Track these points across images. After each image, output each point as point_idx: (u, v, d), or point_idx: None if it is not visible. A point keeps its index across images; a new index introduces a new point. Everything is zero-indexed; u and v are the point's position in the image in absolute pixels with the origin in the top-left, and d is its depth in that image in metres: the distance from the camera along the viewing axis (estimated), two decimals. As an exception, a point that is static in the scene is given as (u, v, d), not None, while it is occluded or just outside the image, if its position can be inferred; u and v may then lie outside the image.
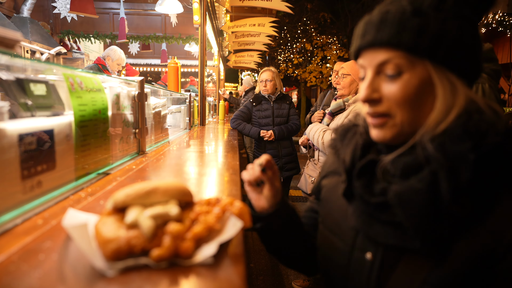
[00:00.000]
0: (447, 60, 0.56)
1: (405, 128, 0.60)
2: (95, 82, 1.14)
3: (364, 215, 0.63)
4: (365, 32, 0.61)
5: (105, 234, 0.50)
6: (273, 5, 5.15)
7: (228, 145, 2.15)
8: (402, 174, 0.57)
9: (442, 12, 0.55)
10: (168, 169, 1.31)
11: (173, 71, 2.98)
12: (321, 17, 15.33)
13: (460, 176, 0.52)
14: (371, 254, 0.63)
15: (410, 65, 0.57)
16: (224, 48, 9.03)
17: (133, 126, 1.52)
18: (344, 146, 0.72)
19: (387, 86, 0.59)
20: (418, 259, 0.57)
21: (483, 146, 0.52)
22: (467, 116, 0.55)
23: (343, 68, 2.20)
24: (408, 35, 0.55)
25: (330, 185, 0.80)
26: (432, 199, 0.53)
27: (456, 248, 0.54)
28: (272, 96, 3.25)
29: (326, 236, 0.76)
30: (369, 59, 0.61)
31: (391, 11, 0.58)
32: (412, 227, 0.54)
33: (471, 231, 0.54)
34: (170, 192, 0.59)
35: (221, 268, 0.51)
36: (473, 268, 0.53)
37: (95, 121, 1.11)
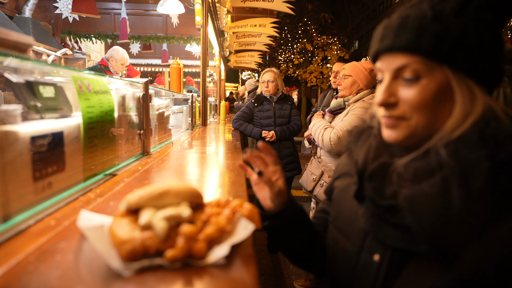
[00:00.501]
0: (466, 67, 0.56)
1: (419, 131, 0.60)
2: (101, 84, 1.16)
3: (374, 217, 0.63)
4: (383, 36, 0.61)
5: (120, 235, 0.52)
6: (274, 6, 5.16)
7: (231, 146, 2.17)
8: (413, 178, 0.57)
9: (463, 17, 0.55)
10: (173, 170, 1.32)
11: (176, 72, 2.99)
12: (321, 18, 15.34)
13: (473, 184, 0.51)
14: (379, 256, 0.64)
15: (428, 71, 0.57)
16: (225, 48, 9.05)
17: (138, 127, 1.53)
18: (357, 147, 0.72)
19: (404, 90, 0.60)
20: (425, 263, 0.57)
21: (498, 154, 0.51)
22: (484, 124, 0.55)
23: (345, 69, 2.21)
24: (427, 41, 0.55)
25: (342, 186, 0.81)
26: (443, 205, 0.52)
27: (465, 256, 0.53)
28: (274, 96, 3.26)
29: (335, 236, 0.77)
30: (387, 63, 0.62)
31: (411, 15, 0.58)
32: (421, 231, 0.54)
33: (481, 239, 0.53)
34: (182, 194, 0.61)
35: (233, 269, 0.53)
36: (482, 277, 0.52)
37: (102, 123, 1.12)
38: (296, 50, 15.62)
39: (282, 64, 15.93)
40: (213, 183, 1.12)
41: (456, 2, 0.55)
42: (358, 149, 0.72)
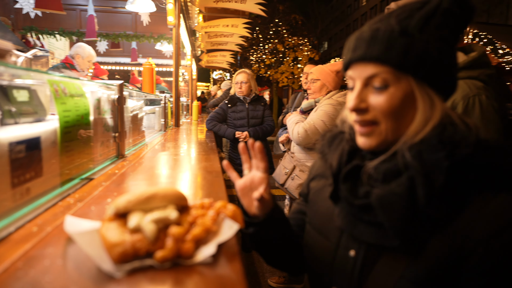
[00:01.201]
0: (428, 77, 0.62)
1: (388, 136, 0.65)
2: (77, 88, 1.14)
3: (349, 216, 0.68)
4: (356, 47, 0.66)
5: (111, 239, 0.54)
6: (246, 7, 5.21)
7: (207, 147, 2.18)
8: (383, 179, 0.63)
9: (425, 33, 0.61)
10: (150, 173, 1.33)
11: (148, 72, 2.95)
12: (292, 19, 15.59)
13: (435, 182, 0.57)
14: (354, 251, 0.69)
15: (395, 80, 0.62)
16: (196, 47, 8.97)
17: (112, 130, 1.52)
18: (331, 151, 0.77)
19: (374, 97, 0.64)
20: (396, 256, 0.63)
21: (455, 155, 0.58)
22: (442, 128, 0.61)
23: (312, 74, 2.30)
24: (395, 53, 0.61)
25: (317, 188, 0.85)
26: (410, 202, 0.58)
27: (430, 247, 0.60)
28: (247, 97, 3.30)
29: (313, 235, 0.81)
30: (358, 72, 0.66)
31: (381, 29, 0.63)
32: (392, 227, 0.60)
33: (443, 231, 0.59)
34: (168, 197, 0.63)
35: (220, 266, 0.56)
36: (445, 265, 0.58)
37: (78, 127, 1.11)
38: (267, 51, 15.77)
39: (253, 64, 16.03)
40: (192, 185, 1.15)
41: (419, 19, 0.61)
42: (332, 153, 0.76)
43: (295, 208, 0.96)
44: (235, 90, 3.32)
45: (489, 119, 1.10)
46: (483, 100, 1.11)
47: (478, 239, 0.57)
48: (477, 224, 0.57)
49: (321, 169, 0.86)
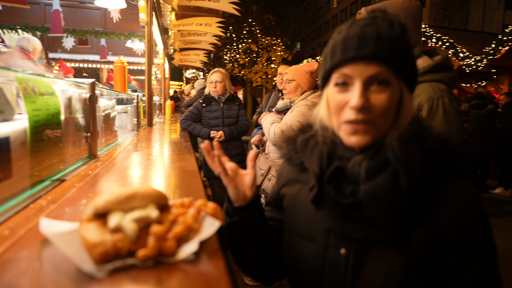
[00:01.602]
0: (410, 82, 0.69)
1: (379, 135, 0.67)
2: (47, 86, 1.10)
3: (336, 216, 0.69)
4: (360, 44, 0.64)
5: (91, 239, 0.53)
6: (220, 6, 5.19)
7: (182, 147, 2.16)
8: (367, 175, 0.65)
9: (408, 41, 0.67)
10: (125, 174, 1.31)
11: (120, 71, 2.87)
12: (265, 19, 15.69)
13: (414, 172, 0.63)
14: (345, 250, 0.70)
15: (392, 80, 0.66)
16: (169, 46, 8.81)
17: (84, 129, 1.47)
18: (306, 155, 0.77)
19: (375, 96, 0.65)
20: (384, 248, 0.66)
21: (426, 147, 0.65)
22: (413, 124, 0.68)
23: (287, 74, 2.34)
24: (399, 56, 0.65)
25: (292, 193, 0.84)
26: (395, 194, 0.62)
27: (415, 234, 0.65)
28: (222, 97, 3.30)
29: (296, 241, 0.79)
30: (360, 70, 0.65)
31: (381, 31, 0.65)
32: (382, 219, 0.63)
33: (424, 217, 0.65)
34: (148, 196, 0.63)
35: (203, 263, 0.57)
36: (429, 247, 0.65)
37: (48, 126, 1.07)
38: (241, 50, 15.77)
39: (227, 64, 15.97)
40: (170, 185, 1.14)
41: (399, 29, 0.67)
42: (308, 157, 0.76)
43: (267, 216, 0.92)
44: (210, 89, 3.30)
45: (451, 119, 1.17)
46: (446, 102, 1.17)
47: (450, 220, 0.65)
48: (448, 207, 0.65)
49: (292, 174, 0.85)
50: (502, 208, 4.94)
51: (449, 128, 1.16)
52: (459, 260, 0.65)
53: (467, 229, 0.65)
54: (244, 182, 0.78)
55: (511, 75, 7.55)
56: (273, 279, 0.89)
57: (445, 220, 0.65)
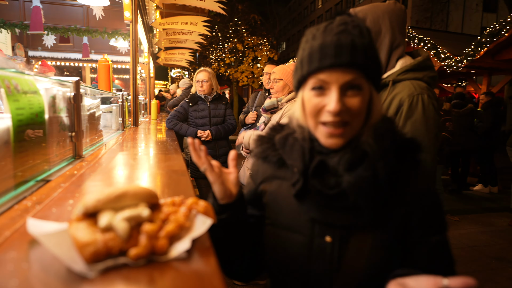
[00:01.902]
0: (377, 84, 0.76)
1: (354, 133, 0.74)
2: (30, 84, 1.07)
3: (321, 207, 0.75)
4: (337, 53, 0.69)
5: (81, 239, 0.52)
6: (206, 5, 5.16)
7: (170, 146, 2.15)
8: (348, 168, 0.72)
9: (375, 45, 0.74)
10: (112, 174, 1.29)
11: (104, 69, 2.82)
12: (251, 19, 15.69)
13: (389, 162, 0.71)
14: (330, 237, 0.75)
15: (364, 85, 0.72)
16: (154, 44, 8.70)
17: (69, 129, 1.44)
18: (287, 152, 0.81)
19: (350, 100, 0.71)
20: (365, 232, 0.74)
21: (396, 140, 0.75)
22: (383, 121, 0.76)
23: (275, 73, 2.35)
24: (371, 63, 0.72)
25: (272, 190, 0.86)
26: (375, 182, 0.70)
27: (390, 218, 0.74)
28: (209, 96, 3.29)
29: (281, 234, 0.82)
30: (336, 76, 0.70)
31: (355, 40, 0.70)
32: (365, 206, 0.71)
33: (397, 203, 0.75)
34: (139, 195, 0.63)
35: (195, 261, 0.57)
36: (401, 229, 0.74)
37: (32, 125, 1.05)
38: (227, 50, 15.73)
39: (213, 63, 15.89)
40: (158, 184, 1.13)
41: (367, 35, 0.73)
42: (289, 154, 0.80)
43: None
44: (196, 88, 3.28)
45: (429, 115, 1.22)
46: (425, 99, 1.23)
47: (416, 201, 0.76)
48: (413, 191, 0.76)
49: (269, 171, 0.88)
50: (481, 204, 5.11)
51: (427, 123, 1.22)
52: (422, 235, 0.75)
53: (426, 210, 0.76)
54: (229, 179, 0.80)
55: (489, 75, 7.81)
56: (252, 275, 0.91)
57: (411, 204, 0.75)
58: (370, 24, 1.27)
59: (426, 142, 1.19)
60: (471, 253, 3.34)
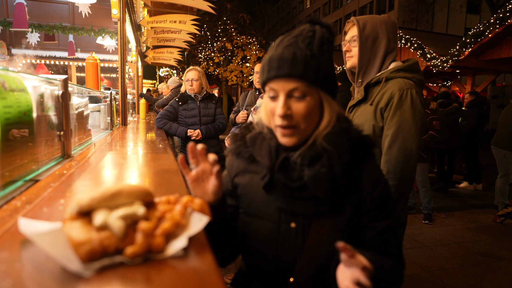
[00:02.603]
0: (328, 88, 0.84)
1: (305, 134, 0.85)
2: (18, 82, 1.05)
3: (286, 198, 0.85)
4: (279, 66, 0.81)
5: (76, 238, 0.51)
6: (195, 4, 5.12)
7: (160, 145, 2.13)
8: (309, 163, 0.83)
9: (323, 56, 0.82)
10: (103, 173, 1.27)
11: (92, 68, 2.77)
12: (240, 18, 15.66)
13: (343, 159, 0.82)
14: (294, 223, 0.87)
15: (310, 91, 0.82)
16: (142, 43, 8.59)
17: (57, 128, 1.41)
18: (256, 149, 0.91)
19: (296, 105, 0.82)
20: (324, 219, 0.85)
21: (351, 139, 0.85)
22: (339, 121, 0.86)
23: None
24: (311, 72, 0.80)
25: (244, 182, 0.96)
26: (331, 176, 0.80)
27: (345, 205, 0.86)
28: (199, 95, 3.27)
29: (253, 222, 0.92)
30: (281, 85, 0.82)
31: (297, 53, 0.80)
32: (323, 196, 0.81)
33: (351, 192, 0.86)
34: (134, 193, 0.62)
35: (192, 259, 0.57)
36: (355, 213, 0.86)
37: (20, 124, 1.02)
38: (216, 49, 15.65)
39: (202, 62, 15.79)
40: (151, 184, 1.12)
41: (317, 46, 0.82)
42: (258, 151, 0.90)
43: None
44: (186, 87, 3.26)
45: (416, 108, 1.36)
46: (414, 93, 1.37)
47: (367, 191, 0.87)
48: (365, 182, 0.87)
49: (242, 166, 0.98)
50: (466, 201, 5.23)
51: (414, 114, 1.36)
52: (371, 220, 0.87)
53: (377, 198, 0.87)
54: (207, 189, 0.83)
55: (473, 75, 8.01)
56: (230, 260, 0.99)
57: (363, 193, 0.87)
58: (370, 29, 1.42)
59: (413, 130, 1.33)
60: (457, 249, 3.42)
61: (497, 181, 4.58)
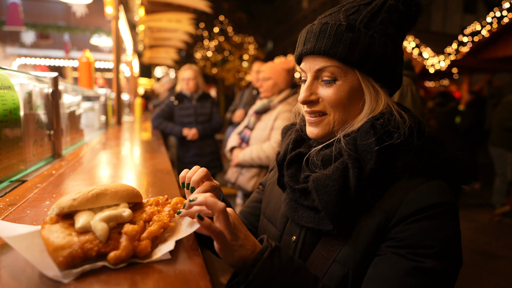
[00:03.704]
0: (372, 72, 0.64)
1: (336, 127, 0.68)
2: (3, 79, 1.01)
3: (291, 202, 0.70)
4: (306, 40, 0.67)
5: (55, 242, 0.48)
6: (192, 3, 5.09)
7: (154, 145, 2.09)
8: (322, 164, 0.67)
9: (371, 29, 0.63)
10: (93, 173, 1.23)
11: (86, 67, 2.73)
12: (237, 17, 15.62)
13: (366, 165, 0.61)
14: (296, 236, 0.71)
15: (342, 73, 0.65)
16: (138, 42, 8.54)
17: (47, 127, 1.37)
18: (283, 142, 0.80)
19: (323, 90, 0.67)
20: (332, 240, 0.64)
21: (385, 141, 0.62)
22: (377, 117, 0.65)
23: (264, 72, 2.30)
24: (341, 48, 0.63)
25: (272, 178, 0.86)
26: (342, 185, 0.60)
27: (358, 227, 0.62)
28: (194, 94, 3.23)
29: (265, 224, 0.83)
30: (309, 65, 0.68)
31: (329, 23, 0.64)
32: (324, 209, 0.60)
33: (369, 211, 0.62)
34: (120, 194, 0.59)
35: (180, 262, 0.54)
36: (371, 243, 0.60)
37: (6, 123, 0.99)
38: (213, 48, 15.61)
39: (199, 61, 15.75)
40: (143, 183, 1.09)
41: (366, 15, 0.64)
42: (283, 143, 0.79)
43: (253, 197, 0.96)
44: (182, 86, 3.22)
45: (416, 104, 1.45)
46: (413, 89, 1.46)
47: (400, 217, 0.59)
48: (403, 205, 0.60)
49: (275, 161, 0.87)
50: (464, 200, 5.23)
51: (414, 107, 1.45)
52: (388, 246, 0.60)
53: (412, 229, 0.58)
54: None
55: (470, 74, 8.02)
56: None
57: (395, 218, 0.60)
58: None
59: None
60: (454, 248, 3.41)
61: (495, 180, 4.58)
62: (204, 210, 0.56)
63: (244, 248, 0.57)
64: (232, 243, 0.56)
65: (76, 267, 0.48)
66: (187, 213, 0.57)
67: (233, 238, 0.56)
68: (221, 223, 0.55)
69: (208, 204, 0.55)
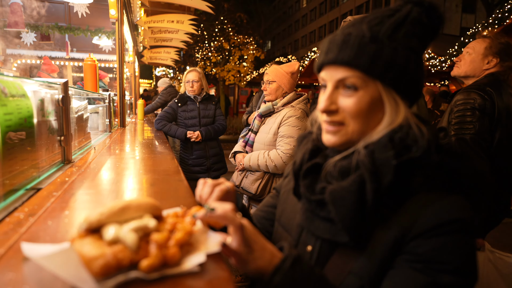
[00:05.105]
0: (394, 83, 0.64)
1: (354, 137, 0.68)
2: (18, 87, 1.02)
3: (307, 212, 0.71)
4: (328, 50, 0.68)
5: (88, 253, 0.49)
6: (193, 3, 5.09)
7: (161, 148, 2.10)
8: (339, 175, 0.66)
9: (394, 41, 0.63)
10: (107, 180, 1.24)
11: (90, 69, 2.73)
12: (237, 17, 15.62)
13: (383, 179, 0.60)
14: (311, 247, 0.72)
15: (364, 84, 0.65)
16: (138, 43, 8.54)
17: (57, 133, 1.38)
18: (299, 151, 0.79)
19: (344, 99, 0.67)
20: (348, 252, 0.65)
21: (403, 155, 0.61)
22: (396, 130, 0.65)
23: (268, 75, 2.30)
24: (364, 59, 0.63)
25: (287, 186, 0.87)
26: (359, 198, 0.60)
27: (374, 240, 0.62)
28: (198, 96, 3.24)
29: (280, 232, 0.84)
30: (330, 74, 0.68)
31: (352, 34, 0.65)
32: (341, 221, 0.61)
33: (387, 225, 0.62)
34: (143, 207, 0.60)
35: (207, 275, 0.55)
36: (387, 257, 0.60)
37: (21, 132, 0.99)
38: (213, 48, 15.61)
39: (199, 62, 15.75)
40: (157, 192, 1.10)
41: (389, 26, 0.64)
42: (299, 152, 0.79)
43: (267, 201, 0.96)
44: (186, 89, 3.23)
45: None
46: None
47: (417, 232, 0.59)
48: (420, 220, 0.60)
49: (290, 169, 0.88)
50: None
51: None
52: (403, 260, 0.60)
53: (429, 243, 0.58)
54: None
55: (470, 74, 8.05)
56: None
57: (412, 232, 0.60)
58: None
59: None
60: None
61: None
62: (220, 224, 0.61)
63: (261, 260, 0.61)
64: (247, 257, 0.60)
65: (110, 279, 0.49)
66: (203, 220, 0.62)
67: (248, 251, 0.60)
68: (237, 240, 0.60)
69: (227, 219, 0.60)
